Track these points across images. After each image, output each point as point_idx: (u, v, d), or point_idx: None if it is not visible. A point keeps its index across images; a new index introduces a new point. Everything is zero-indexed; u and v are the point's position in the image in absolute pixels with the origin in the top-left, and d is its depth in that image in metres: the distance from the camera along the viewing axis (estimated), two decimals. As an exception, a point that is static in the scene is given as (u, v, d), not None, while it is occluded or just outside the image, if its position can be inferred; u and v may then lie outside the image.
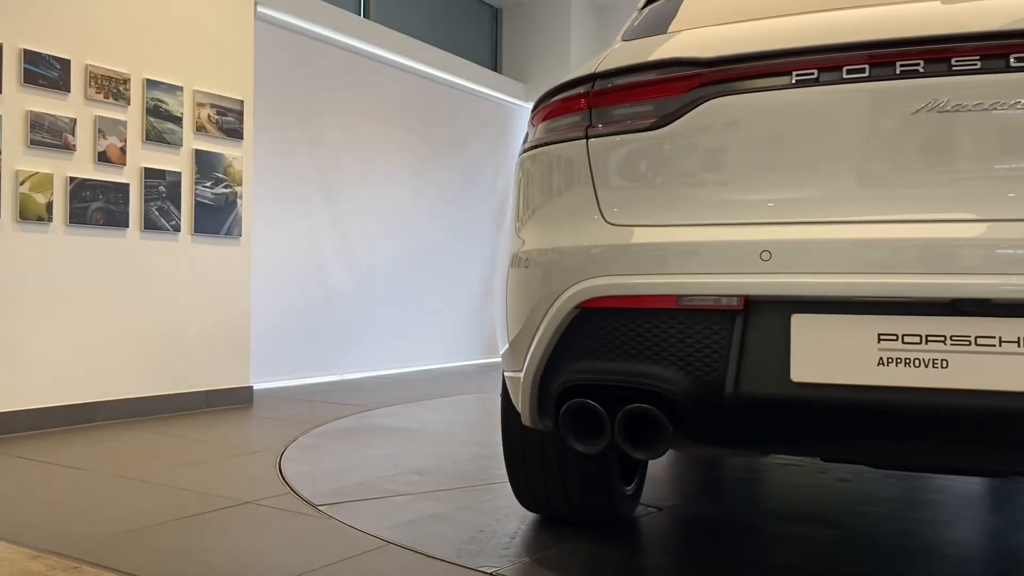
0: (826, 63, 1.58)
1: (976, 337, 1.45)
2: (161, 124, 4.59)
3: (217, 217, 4.88)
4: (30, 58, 4.02)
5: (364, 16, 7.07)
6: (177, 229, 4.67)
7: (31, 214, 4.01)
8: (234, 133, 4.98)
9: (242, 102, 5.03)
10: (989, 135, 1.49)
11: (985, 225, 1.46)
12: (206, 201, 4.82)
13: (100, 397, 4.31)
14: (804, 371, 1.54)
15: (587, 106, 1.82)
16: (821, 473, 3.20)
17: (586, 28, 8.73)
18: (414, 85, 7.30)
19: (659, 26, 1.96)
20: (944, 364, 1.46)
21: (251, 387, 5.10)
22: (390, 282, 7.00)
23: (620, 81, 1.78)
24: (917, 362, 1.48)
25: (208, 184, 4.84)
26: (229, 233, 4.95)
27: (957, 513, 2.65)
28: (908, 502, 2.78)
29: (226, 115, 4.94)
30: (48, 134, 4.09)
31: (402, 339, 7.12)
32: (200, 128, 4.80)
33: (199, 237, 4.80)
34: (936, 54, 1.51)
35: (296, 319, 6.14)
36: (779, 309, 1.56)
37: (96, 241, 4.30)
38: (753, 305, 1.57)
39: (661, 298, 1.63)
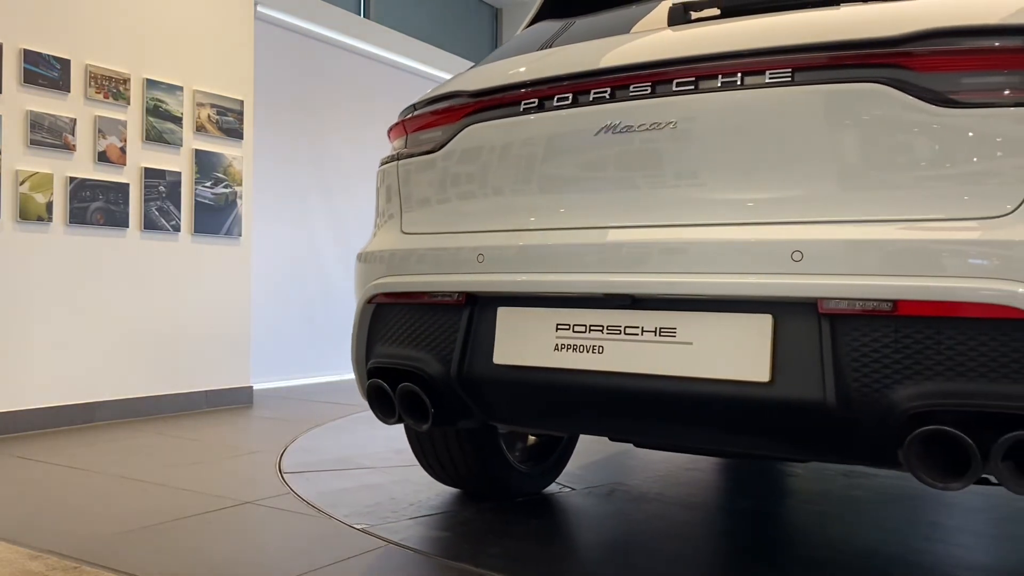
0: (543, 93, 1.83)
1: (625, 327, 1.68)
2: (161, 124, 4.59)
3: (217, 217, 4.88)
4: (30, 58, 4.02)
5: (364, 16, 7.07)
6: (177, 229, 4.67)
7: (31, 214, 4.01)
8: (234, 133, 4.98)
9: (242, 102, 5.03)
10: (645, 152, 1.69)
11: (630, 231, 1.69)
12: (206, 201, 4.82)
13: (100, 397, 4.31)
14: (502, 355, 1.83)
15: (405, 132, 2.18)
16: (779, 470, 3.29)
17: (586, 28, 8.72)
18: (414, 85, 7.29)
19: (496, 56, 2.22)
20: (600, 350, 1.70)
21: (251, 387, 5.09)
22: (390, 282, 6.99)
23: (422, 111, 2.12)
24: (582, 348, 1.72)
25: (208, 184, 4.83)
26: (229, 233, 4.95)
27: (857, 508, 2.70)
28: (827, 496, 2.85)
29: (226, 115, 4.94)
30: (48, 134, 4.09)
31: (402, 339, 7.11)
32: (200, 128, 4.80)
33: (199, 237, 4.80)
34: (612, 83, 1.74)
35: (296, 319, 6.14)
36: (490, 303, 1.87)
37: (96, 241, 4.30)
38: (474, 300, 1.89)
39: (416, 294, 1.98)
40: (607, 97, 1.74)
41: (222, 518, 2.53)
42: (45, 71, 4.09)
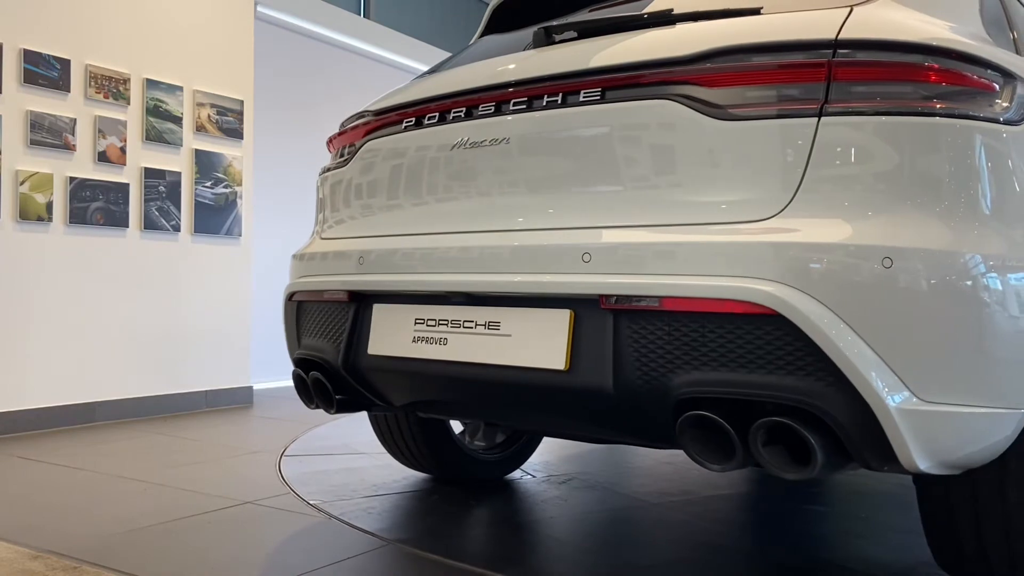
0: (418, 112, 2.04)
1: (463, 321, 1.87)
2: (161, 124, 4.59)
3: (217, 217, 4.88)
4: (30, 58, 4.02)
5: (364, 16, 7.08)
6: (177, 229, 4.67)
7: (31, 214, 4.01)
8: (234, 133, 4.98)
9: (242, 102, 5.03)
10: (483, 166, 1.88)
11: (465, 235, 1.88)
12: (206, 201, 4.82)
13: (100, 397, 4.31)
14: (375, 346, 2.03)
15: (334, 146, 2.41)
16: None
17: (586, 28, 8.72)
18: (414, 85, 7.29)
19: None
20: (445, 341, 1.89)
21: (251, 387, 5.10)
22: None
23: (345, 127, 2.34)
24: (432, 340, 1.91)
25: (208, 184, 4.84)
26: (229, 233, 4.95)
27: (811, 503, 2.71)
28: (791, 492, 2.91)
29: (226, 115, 4.94)
30: (48, 134, 4.09)
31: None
32: (200, 128, 4.80)
33: (199, 237, 4.80)
34: (466, 103, 1.93)
35: (296, 319, 6.14)
36: (368, 300, 2.08)
37: (96, 241, 4.30)
38: (358, 298, 2.10)
39: (316, 292, 2.21)
40: (462, 116, 1.93)
41: (222, 518, 2.53)
42: (45, 71, 4.09)
